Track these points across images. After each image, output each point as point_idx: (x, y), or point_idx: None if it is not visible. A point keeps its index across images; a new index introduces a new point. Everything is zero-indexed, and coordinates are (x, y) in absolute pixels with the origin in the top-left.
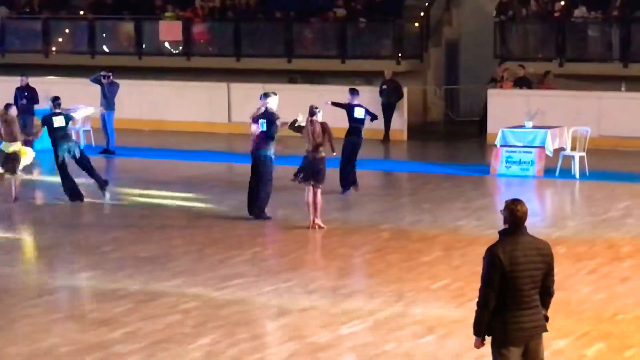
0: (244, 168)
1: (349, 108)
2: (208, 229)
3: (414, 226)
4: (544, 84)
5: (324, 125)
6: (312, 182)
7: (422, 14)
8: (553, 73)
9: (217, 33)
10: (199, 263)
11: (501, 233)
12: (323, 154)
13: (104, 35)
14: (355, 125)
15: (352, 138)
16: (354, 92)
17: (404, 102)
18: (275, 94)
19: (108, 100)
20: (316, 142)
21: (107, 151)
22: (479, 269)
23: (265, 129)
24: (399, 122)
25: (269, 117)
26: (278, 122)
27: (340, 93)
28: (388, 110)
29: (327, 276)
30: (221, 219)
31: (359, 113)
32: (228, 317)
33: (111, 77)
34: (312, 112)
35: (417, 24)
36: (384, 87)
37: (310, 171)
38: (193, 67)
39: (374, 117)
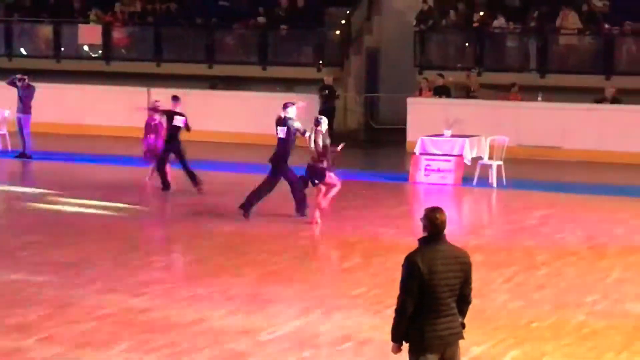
0: None
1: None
2: (127, 235)
3: (334, 233)
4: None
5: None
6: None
7: (343, 22)
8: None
9: (137, 38)
10: (117, 269)
11: (420, 241)
12: (324, 165)
13: (22, 37)
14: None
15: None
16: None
17: None
18: (294, 104)
19: (24, 104)
20: (318, 152)
21: (23, 155)
22: (397, 276)
23: (284, 136)
24: None
25: (288, 125)
26: (298, 127)
27: (262, 99)
28: (328, 116)
29: (246, 283)
30: (140, 224)
31: (178, 122)
32: (146, 324)
33: (26, 80)
34: (316, 122)
35: (338, 32)
36: (325, 92)
37: (316, 177)
38: (113, 72)
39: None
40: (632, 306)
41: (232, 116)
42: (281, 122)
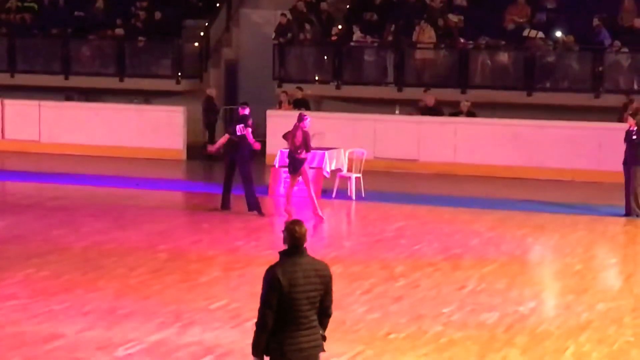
0: (16, 187)
1: None
2: None
3: (192, 247)
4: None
5: (305, 134)
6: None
7: (201, 34)
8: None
9: None
10: None
11: (281, 254)
12: (303, 156)
13: None
14: None
15: None
16: None
17: (184, 122)
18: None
19: None
20: (295, 145)
21: None
22: (257, 289)
23: (240, 133)
24: (178, 141)
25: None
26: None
27: (117, 112)
28: (210, 127)
29: (102, 297)
30: None
31: None
32: None
33: None
34: (300, 118)
35: (196, 44)
36: (208, 104)
37: (292, 167)
38: None
39: None
40: (487, 316)
41: (88, 128)
42: (240, 119)
